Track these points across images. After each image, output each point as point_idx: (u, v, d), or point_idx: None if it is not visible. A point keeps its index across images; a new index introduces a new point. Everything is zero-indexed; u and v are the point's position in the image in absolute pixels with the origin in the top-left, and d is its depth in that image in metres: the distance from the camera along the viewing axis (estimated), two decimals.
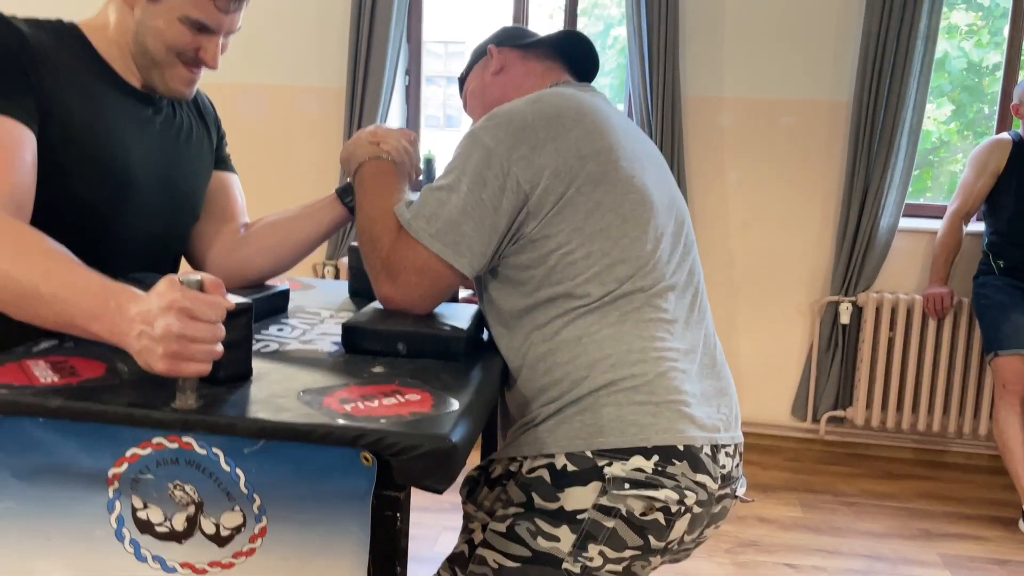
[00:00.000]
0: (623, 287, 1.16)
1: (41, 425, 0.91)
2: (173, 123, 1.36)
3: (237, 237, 1.43)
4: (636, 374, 1.13)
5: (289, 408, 0.92)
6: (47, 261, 0.96)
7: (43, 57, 1.15)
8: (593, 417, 1.12)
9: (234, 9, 1.23)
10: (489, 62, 1.44)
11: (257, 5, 3.53)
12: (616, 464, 1.10)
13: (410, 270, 1.17)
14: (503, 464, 1.23)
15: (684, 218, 1.31)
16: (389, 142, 1.35)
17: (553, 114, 1.19)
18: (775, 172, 3.35)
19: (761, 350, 3.46)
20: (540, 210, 1.16)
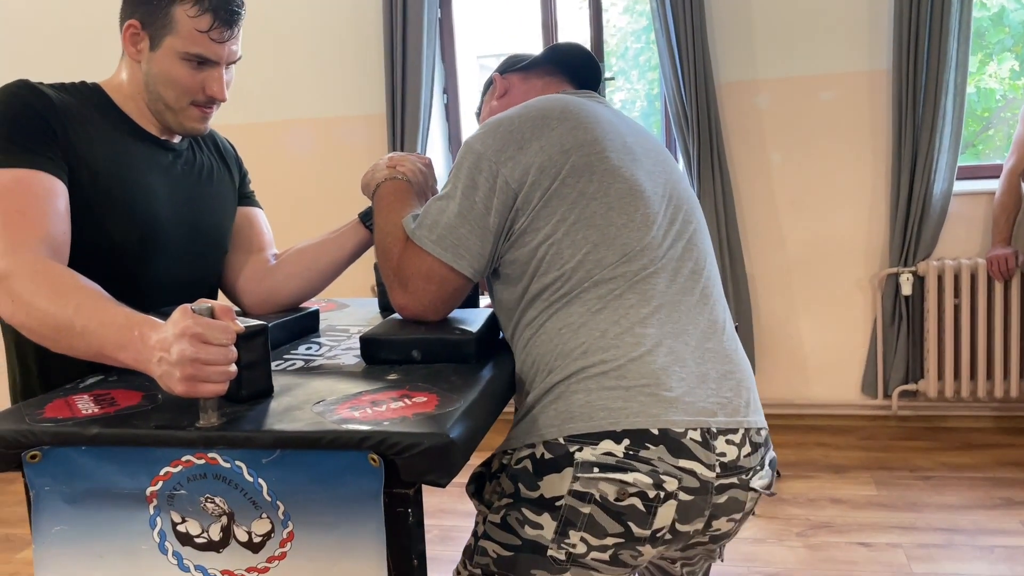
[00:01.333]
0: (605, 272, 1.18)
1: (83, 452, 0.99)
2: (194, 166, 1.45)
3: (267, 266, 1.52)
4: (607, 359, 1.14)
5: (302, 419, 0.98)
6: (79, 297, 1.06)
7: (68, 115, 1.26)
8: (565, 404, 1.14)
9: (228, 38, 1.30)
10: (495, 89, 1.51)
11: (295, 43, 3.68)
12: (587, 449, 1.11)
13: (418, 277, 1.23)
14: (499, 458, 1.26)
15: (684, 206, 1.31)
16: (404, 164, 1.43)
17: (538, 115, 1.24)
18: (819, 149, 3.30)
19: (824, 330, 3.40)
20: (528, 205, 1.20)
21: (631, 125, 1.35)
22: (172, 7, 1.26)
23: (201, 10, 1.26)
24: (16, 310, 1.08)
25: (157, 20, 1.27)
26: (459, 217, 1.21)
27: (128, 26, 1.29)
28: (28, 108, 1.22)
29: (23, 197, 1.16)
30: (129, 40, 1.30)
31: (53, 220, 1.17)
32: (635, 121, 1.40)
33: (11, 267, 1.09)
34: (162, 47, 1.28)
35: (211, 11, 1.26)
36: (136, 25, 1.29)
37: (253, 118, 3.77)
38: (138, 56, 1.31)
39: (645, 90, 7.39)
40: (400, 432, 0.92)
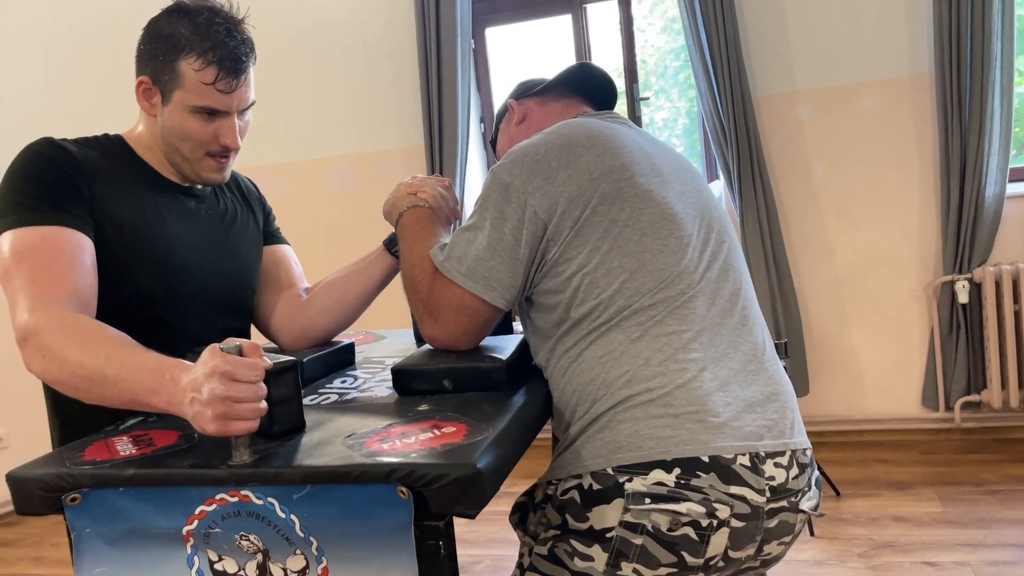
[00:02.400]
0: (644, 299, 1.16)
1: (122, 494, 1.01)
2: (217, 210, 1.47)
3: (299, 302, 1.53)
4: (652, 387, 1.12)
5: (332, 453, 0.99)
6: (108, 347, 1.08)
7: (92, 171, 1.29)
8: (612, 434, 1.12)
9: (236, 87, 1.31)
10: (512, 116, 1.50)
11: (334, 81, 3.75)
12: (636, 479, 1.09)
13: (449, 309, 1.23)
14: (543, 488, 1.24)
15: (715, 225, 1.29)
16: (425, 190, 1.43)
17: (564, 143, 1.23)
18: (863, 157, 3.24)
19: (878, 342, 3.31)
20: (559, 235, 1.19)
21: (656, 145, 1.34)
22: (178, 62, 1.28)
23: (205, 63, 1.27)
24: (48, 365, 1.10)
25: (165, 75, 1.29)
26: (488, 249, 1.20)
27: (140, 82, 1.32)
28: (53, 166, 1.25)
29: (50, 254, 1.18)
30: (142, 96, 1.33)
31: (80, 275, 1.19)
32: (659, 140, 1.39)
33: (40, 323, 1.11)
34: (172, 101, 1.30)
35: (215, 63, 1.27)
36: (147, 81, 1.32)
37: (295, 156, 3.85)
38: (152, 110, 1.34)
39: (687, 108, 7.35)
40: (427, 464, 0.91)
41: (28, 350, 1.12)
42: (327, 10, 3.73)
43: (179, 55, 1.27)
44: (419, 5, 3.47)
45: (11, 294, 1.17)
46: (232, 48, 1.28)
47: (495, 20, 3.72)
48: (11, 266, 1.18)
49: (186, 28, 1.27)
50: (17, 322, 1.14)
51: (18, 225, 1.20)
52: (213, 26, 1.28)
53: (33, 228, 1.20)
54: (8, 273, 1.18)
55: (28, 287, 1.15)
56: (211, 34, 1.27)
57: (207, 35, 1.27)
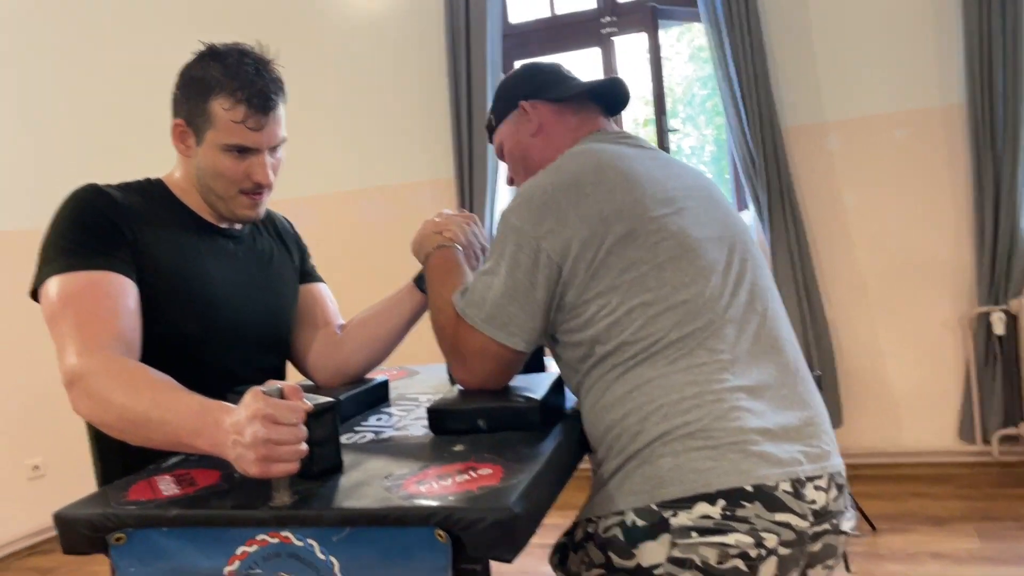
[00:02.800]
0: (671, 334, 1.16)
1: (164, 534, 1.03)
2: (254, 250, 1.50)
3: (334, 339, 1.56)
4: (690, 420, 1.12)
5: (371, 495, 1.00)
6: (153, 390, 1.10)
7: (135, 215, 1.33)
8: (652, 469, 1.12)
9: (264, 125, 1.33)
10: (523, 120, 1.43)
11: (367, 115, 3.81)
12: (681, 514, 1.09)
13: (474, 354, 1.24)
14: (583, 527, 1.24)
15: (737, 245, 1.28)
16: (451, 228, 1.45)
17: (571, 181, 1.22)
18: (896, 187, 3.22)
19: (913, 373, 3.27)
20: (574, 278, 1.19)
21: (668, 166, 1.31)
22: (208, 102, 1.31)
23: (234, 102, 1.30)
24: (95, 408, 1.13)
25: (198, 116, 1.33)
26: (505, 295, 1.21)
27: (175, 126, 1.37)
28: (97, 212, 1.29)
29: (95, 299, 1.22)
30: (178, 138, 1.38)
31: (124, 318, 1.23)
32: (673, 159, 1.37)
33: (87, 367, 1.15)
34: (205, 141, 1.34)
35: (244, 102, 1.30)
36: (182, 124, 1.36)
37: (329, 188, 3.91)
38: (188, 152, 1.38)
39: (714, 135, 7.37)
40: (465, 508, 0.92)
41: (76, 393, 1.15)
42: (360, 46, 3.81)
43: (210, 96, 1.31)
44: (450, 40, 3.53)
45: (59, 338, 1.20)
46: (261, 87, 1.32)
47: (525, 53, 3.76)
48: (58, 311, 1.21)
49: (216, 70, 1.31)
50: (65, 366, 1.17)
51: (64, 270, 1.24)
52: (242, 66, 1.32)
53: (79, 273, 1.24)
54: (55, 317, 1.21)
55: (75, 331, 1.18)
56: (240, 74, 1.31)
57: (236, 75, 1.31)
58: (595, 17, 3.60)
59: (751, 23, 3.16)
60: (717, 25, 3.20)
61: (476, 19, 3.49)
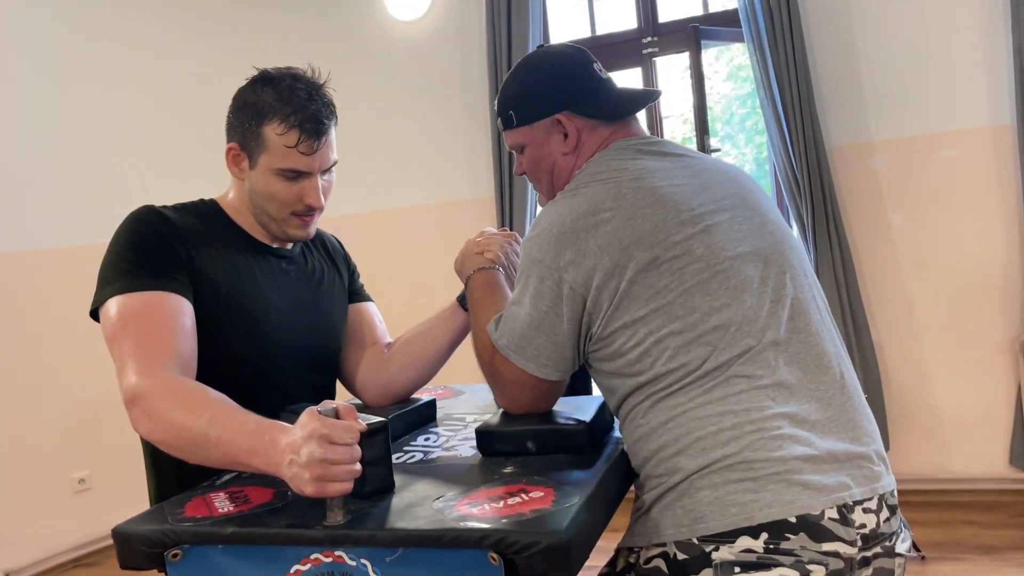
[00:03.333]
0: (706, 364, 1.12)
1: (220, 551, 1.04)
2: (305, 270, 1.53)
3: (382, 358, 1.57)
4: (729, 453, 1.09)
5: (423, 516, 1.00)
6: (211, 409, 1.12)
7: (190, 237, 1.36)
8: (692, 503, 1.09)
9: (316, 149, 1.35)
10: (557, 132, 1.33)
11: (410, 135, 3.86)
12: (723, 548, 1.06)
13: (510, 383, 1.25)
14: (624, 556, 1.21)
15: (777, 256, 1.22)
16: (492, 248, 1.46)
17: (589, 209, 1.18)
18: (943, 209, 3.17)
19: (962, 398, 3.20)
20: (599, 308, 1.17)
21: (701, 175, 1.25)
22: (262, 127, 1.34)
23: (287, 127, 1.32)
24: (155, 427, 1.16)
25: (251, 141, 1.36)
26: (532, 327, 1.20)
27: (229, 149, 1.40)
28: (154, 234, 1.32)
29: (154, 319, 1.24)
30: (232, 161, 1.40)
31: (181, 338, 1.25)
32: (704, 158, 1.31)
33: (147, 387, 1.17)
34: (259, 165, 1.37)
35: (297, 126, 1.32)
36: (235, 147, 1.39)
37: (372, 208, 3.95)
38: (241, 175, 1.41)
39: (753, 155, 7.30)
40: (518, 531, 0.92)
41: (136, 412, 1.17)
42: (403, 67, 3.86)
43: (263, 121, 1.34)
44: (492, 61, 3.56)
45: (119, 358, 1.23)
46: (313, 111, 1.34)
47: None
48: (118, 331, 1.24)
49: (269, 95, 1.34)
50: (125, 385, 1.19)
51: (123, 291, 1.27)
52: (295, 92, 1.34)
53: (137, 294, 1.26)
54: (116, 337, 1.24)
55: (134, 351, 1.21)
56: (293, 99, 1.33)
57: (289, 100, 1.33)
58: (636, 37, 3.61)
59: (795, 42, 3.14)
60: (760, 44, 3.19)
61: (517, 40, 3.51)
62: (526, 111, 1.35)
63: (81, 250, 3.49)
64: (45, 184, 3.53)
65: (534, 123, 1.34)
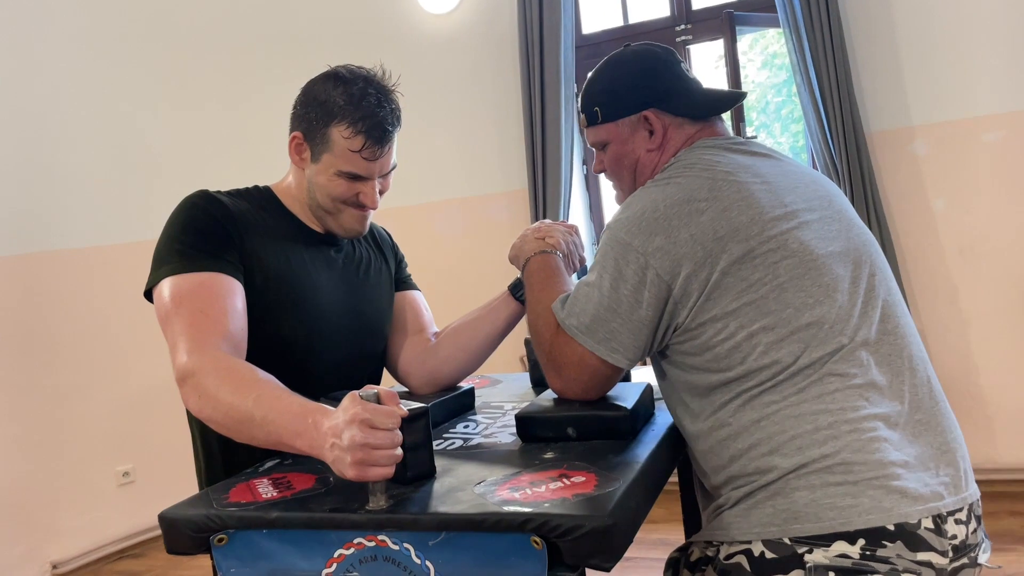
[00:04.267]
0: (799, 361, 1.11)
1: (265, 535, 1.05)
2: (354, 259, 1.54)
3: (428, 347, 1.58)
4: (827, 453, 1.07)
5: (465, 500, 1.00)
6: (258, 389, 1.14)
7: (244, 221, 1.38)
8: (786, 502, 1.07)
9: (380, 155, 1.38)
10: (642, 128, 1.33)
11: (443, 128, 3.86)
12: (817, 551, 1.04)
13: (571, 365, 1.22)
14: (700, 548, 1.19)
15: (866, 258, 1.21)
16: (554, 236, 1.44)
17: (684, 197, 1.17)
18: (987, 193, 3.10)
19: (1009, 387, 3.12)
20: (687, 299, 1.14)
21: (790, 176, 1.24)
22: (329, 128, 1.35)
23: (355, 132, 1.34)
24: (204, 404, 1.17)
25: (317, 136, 1.37)
26: (609, 310, 1.18)
27: (293, 137, 1.41)
28: (208, 216, 1.35)
29: (206, 298, 1.26)
30: (294, 150, 1.42)
31: (232, 318, 1.27)
32: (789, 160, 1.30)
33: (198, 364, 1.19)
34: (321, 162, 1.39)
35: (364, 132, 1.34)
36: (299, 137, 1.40)
37: (407, 201, 3.96)
38: (302, 164, 1.42)
39: (789, 143, 7.21)
40: (561, 514, 0.92)
41: (186, 390, 1.20)
42: (435, 60, 3.86)
43: (332, 121, 1.35)
44: (524, 52, 3.55)
45: (171, 337, 1.25)
46: (381, 118, 1.35)
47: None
48: (171, 310, 1.26)
49: (341, 96, 1.35)
50: (177, 363, 1.21)
51: (178, 272, 1.29)
52: (366, 97, 1.35)
53: (190, 275, 1.29)
54: (169, 317, 1.26)
55: (187, 330, 1.23)
56: (363, 105, 1.34)
57: (359, 105, 1.34)
58: (670, 25, 3.57)
59: (832, 26, 3.09)
60: (796, 29, 3.14)
61: (550, 30, 3.50)
62: (613, 107, 1.35)
63: (127, 247, 3.56)
64: (92, 182, 3.60)
65: (620, 119, 1.34)
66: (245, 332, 1.30)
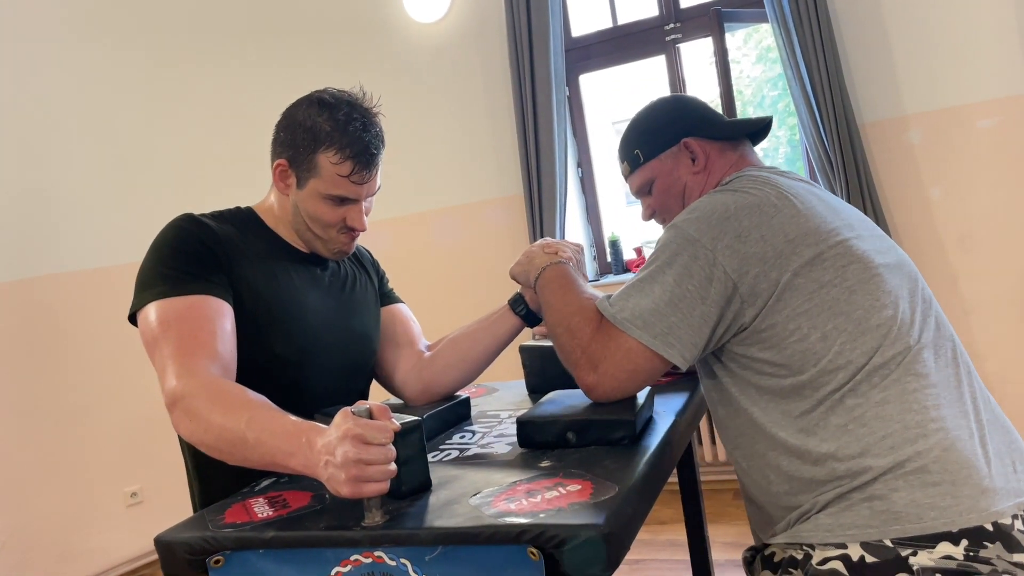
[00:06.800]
0: (873, 360, 1.13)
1: (262, 555, 1.05)
2: (339, 276, 1.55)
3: (422, 359, 1.58)
4: (921, 451, 1.08)
5: (461, 513, 1.00)
6: (249, 411, 1.13)
7: (230, 243, 1.38)
8: (884, 504, 1.07)
9: (367, 179, 1.39)
10: (684, 155, 1.39)
11: (436, 138, 3.86)
12: (921, 553, 1.04)
13: (613, 360, 1.20)
14: (781, 549, 1.18)
15: (916, 275, 1.26)
16: (565, 251, 1.45)
17: (755, 203, 1.20)
18: (984, 180, 3.09)
19: (1013, 376, 3.11)
20: (756, 298, 1.15)
21: (831, 198, 1.30)
22: (316, 154, 1.36)
23: (343, 157, 1.35)
24: (195, 428, 1.17)
25: (303, 163, 1.38)
26: (670, 304, 1.18)
27: (277, 165, 1.41)
28: (194, 239, 1.35)
29: (195, 321, 1.26)
30: (279, 177, 1.42)
31: (222, 340, 1.27)
32: (829, 192, 1.35)
33: (188, 388, 1.18)
34: (307, 187, 1.39)
35: (352, 158, 1.35)
36: (284, 164, 1.41)
37: (404, 211, 3.97)
38: (286, 191, 1.43)
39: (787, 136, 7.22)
40: (556, 524, 0.91)
41: (177, 414, 1.19)
42: (424, 68, 3.86)
43: (319, 148, 1.36)
44: (514, 57, 3.55)
45: (159, 361, 1.24)
46: (367, 142, 1.36)
47: (588, 67, 3.76)
48: (159, 334, 1.26)
49: (327, 123, 1.35)
50: (166, 388, 1.21)
51: (164, 296, 1.29)
52: (352, 122, 1.36)
53: (178, 298, 1.28)
54: (156, 341, 1.26)
55: (175, 354, 1.22)
56: (349, 130, 1.35)
57: (346, 131, 1.35)
58: (658, 25, 3.57)
59: (820, 18, 3.08)
60: (785, 23, 3.14)
61: (539, 35, 3.50)
62: (651, 145, 1.41)
63: (130, 267, 3.54)
64: (89, 205, 3.60)
65: (661, 154, 1.41)
66: (235, 354, 1.29)
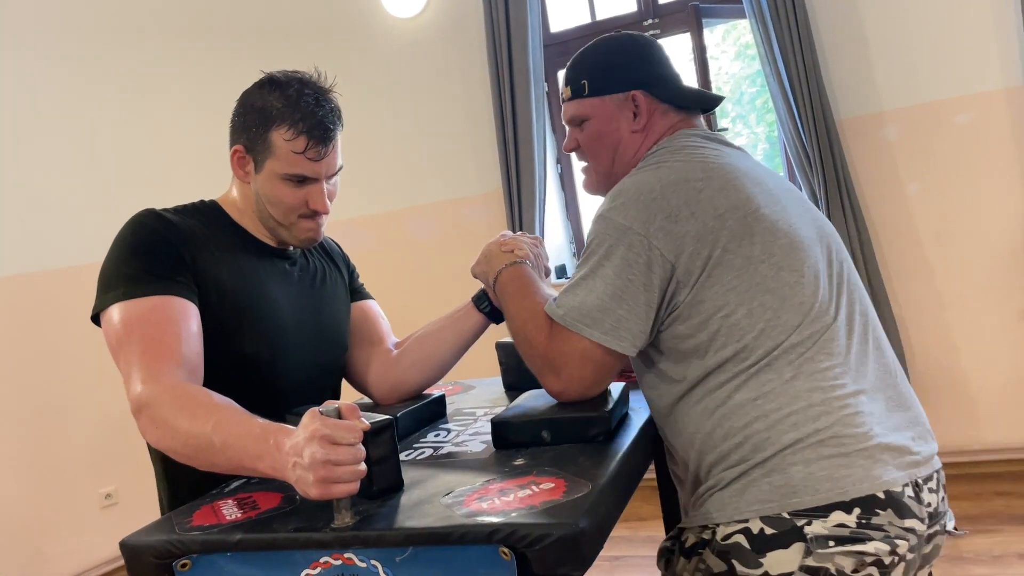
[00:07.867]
0: (791, 337, 1.13)
1: (229, 559, 1.03)
2: (308, 271, 1.51)
3: (390, 357, 1.55)
4: (821, 428, 1.10)
5: (432, 513, 0.98)
6: (216, 415, 1.10)
7: (194, 239, 1.34)
8: (782, 477, 1.09)
9: (324, 155, 1.34)
10: (628, 109, 1.33)
11: (412, 133, 3.84)
12: (816, 522, 1.07)
13: (572, 363, 1.19)
14: (694, 532, 1.19)
15: (833, 244, 1.26)
16: (521, 248, 1.42)
17: (680, 178, 1.19)
18: (960, 175, 3.10)
19: (989, 367, 3.13)
20: (689, 277, 1.15)
21: (760, 167, 1.30)
22: (269, 132, 1.32)
23: (296, 133, 1.30)
24: (162, 435, 1.14)
25: (258, 145, 1.34)
26: (613, 298, 1.16)
27: (234, 151, 1.37)
28: (157, 236, 1.30)
29: (159, 324, 1.22)
30: (237, 164, 1.38)
31: (187, 342, 1.23)
32: (758, 160, 1.35)
33: (153, 394, 1.15)
34: (265, 169, 1.35)
35: (305, 133, 1.31)
36: (241, 150, 1.37)
37: (380, 208, 3.94)
38: (246, 178, 1.39)
39: (766, 133, 7.23)
40: (528, 524, 0.90)
41: (143, 421, 1.16)
42: (402, 64, 3.84)
43: (271, 126, 1.32)
44: (492, 53, 3.53)
45: (124, 366, 1.21)
46: (321, 117, 1.32)
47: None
48: (123, 337, 1.22)
49: (278, 100, 1.32)
50: (131, 394, 1.18)
51: (127, 297, 1.25)
52: (303, 97, 1.32)
53: (141, 299, 1.24)
54: (120, 344, 1.22)
55: (140, 359, 1.19)
56: (301, 105, 1.31)
57: (297, 106, 1.31)
58: (637, 20, 3.56)
59: (798, 14, 3.08)
60: (762, 19, 3.14)
61: (517, 30, 3.48)
62: (602, 82, 1.35)
63: (95, 267, 3.51)
64: (63, 203, 3.54)
65: (607, 95, 1.34)
66: (201, 356, 1.26)
